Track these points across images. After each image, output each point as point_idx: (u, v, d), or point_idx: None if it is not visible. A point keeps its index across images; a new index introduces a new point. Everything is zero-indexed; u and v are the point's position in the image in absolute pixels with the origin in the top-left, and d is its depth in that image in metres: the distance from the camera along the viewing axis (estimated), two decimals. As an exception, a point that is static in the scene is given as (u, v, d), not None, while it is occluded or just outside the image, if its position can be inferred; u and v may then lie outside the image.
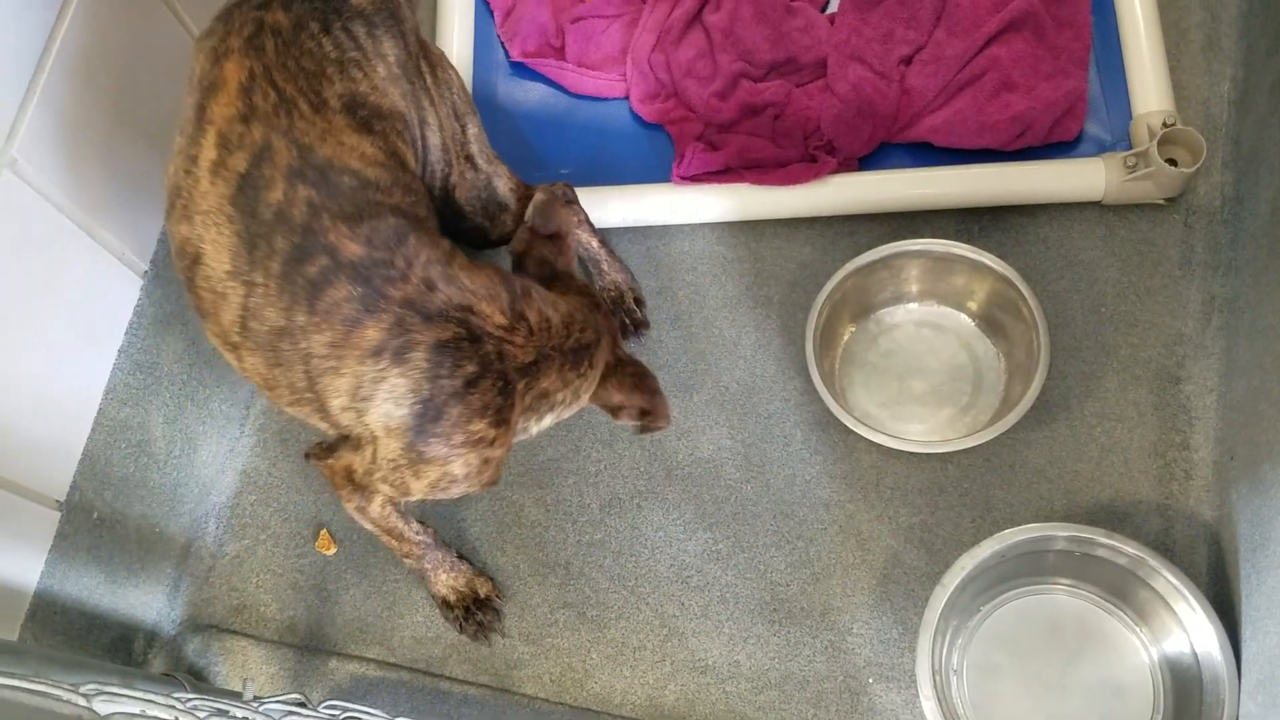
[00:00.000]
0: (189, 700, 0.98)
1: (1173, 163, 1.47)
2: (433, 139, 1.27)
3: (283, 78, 1.12)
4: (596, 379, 1.23)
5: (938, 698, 1.24)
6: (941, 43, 1.57)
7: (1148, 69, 1.54)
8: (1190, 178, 1.49)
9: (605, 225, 1.56)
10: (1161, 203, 1.52)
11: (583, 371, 1.20)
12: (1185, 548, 1.37)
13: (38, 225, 1.26)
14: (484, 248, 1.41)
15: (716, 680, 1.41)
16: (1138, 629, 1.33)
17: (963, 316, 1.51)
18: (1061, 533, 1.30)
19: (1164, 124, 1.47)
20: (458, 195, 1.34)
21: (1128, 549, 1.28)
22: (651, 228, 1.60)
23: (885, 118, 1.55)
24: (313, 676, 1.45)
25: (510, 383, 1.12)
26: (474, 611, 1.43)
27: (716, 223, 1.59)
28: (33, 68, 1.23)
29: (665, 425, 1.31)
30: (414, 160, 1.22)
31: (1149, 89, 1.53)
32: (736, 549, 1.45)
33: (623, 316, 1.53)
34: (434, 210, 1.25)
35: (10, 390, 1.24)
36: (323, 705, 1.10)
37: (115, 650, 1.42)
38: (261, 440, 1.57)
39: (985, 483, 1.44)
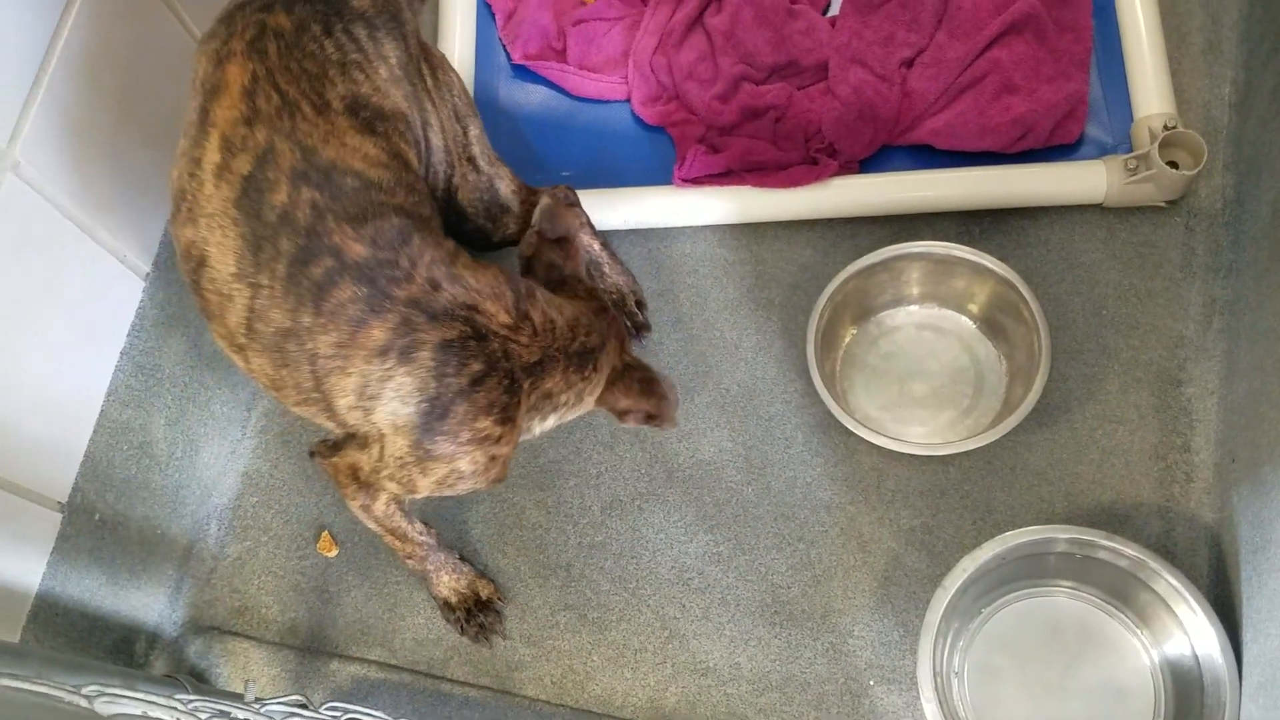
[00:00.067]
0: (191, 702, 0.98)
1: (1174, 165, 1.47)
2: (435, 140, 1.28)
3: (285, 80, 1.12)
4: (601, 383, 1.23)
5: (939, 700, 1.24)
6: (943, 45, 1.57)
7: (1149, 72, 1.54)
8: (1191, 180, 1.49)
9: (606, 228, 1.56)
10: (1163, 205, 1.52)
11: (587, 375, 1.20)
12: (1186, 550, 1.37)
13: (40, 226, 1.26)
14: (486, 250, 1.42)
15: (718, 682, 1.41)
16: (1139, 631, 1.33)
17: (964, 319, 1.51)
18: (1062, 535, 1.30)
19: (1165, 127, 1.47)
20: (460, 197, 1.35)
21: (1129, 551, 1.28)
22: (653, 230, 1.60)
23: (886, 120, 1.55)
24: (314, 678, 1.45)
25: (516, 381, 1.12)
26: (475, 613, 1.43)
27: (718, 225, 1.59)
28: (36, 70, 1.23)
29: (672, 427, 1.31)
30: (417, 161, 1.22)
31: (1150, 92, 1.53)
32: (737, 551, 1.45)
33: (624, 319, 1.53)
34: (437, 210, 1.25)
35: (12, 391, 1.24)
36: (324, 707, 1.10)
37: (117, 652, 1.42)
38: (263, 442, 1.57)
39: (986, 485, 1.44)
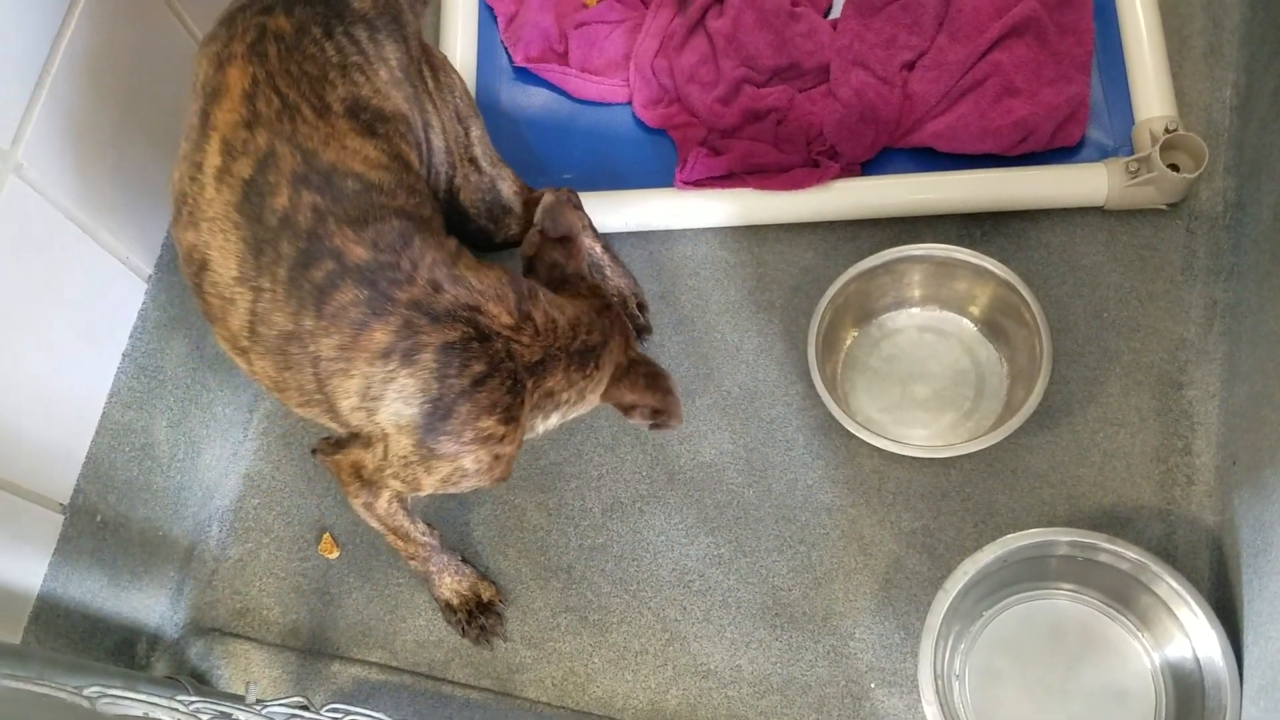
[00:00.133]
0: (192, 703, 0.98)
1: (1175, 168, 1.47)
2: (436, 141, 1.28)
3: (286, 83, 1.12)
4: (604, 381, 1.23)
5: (940, 703, 1.24)
6: (944, 48, 1.57)
7: (1150, 74, 1.54)
8: (1192, 183, 1.49)
9: (608, 230, 1.56)
10: (1164, 208, 1.52)
11: (588, 373, 1.20)
12: (1187, 553, 1.37)
13: (42, 228, 1.26)
14: (489, 250, 1.42)
15: (718, 685, 1.41)
16: (1140, 634, 1.33)
17: (965, 321, 1.51)
18: (1064, 538, 1.30)
19: (1166, 129, 1.47)
20: (462, 197, 1.35)
21: (1130, 554, 1.28)
22: (654, 233, 1.60)
23: (888, 123, 1.55)
24: (315, 680, 1.45)
25: (519, 381, 1.13)
26: (477, 615, 1.43)
27: (719, 228, 1.59)
28: (39, 72, 1.23)
29: (678, 425, 1.31)
30: (418, 162, 1.22)
31: (1151, 94, 1.53)
32: (738, 553, 1.45)
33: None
34: (439, 209, 1.25)
35: (14, 393, 1.24)
36: (325, 709, 1.10)
37: (118, 653, 1.42)
38: (265, 444, 1.57)
39: (987, 488, 1.44)
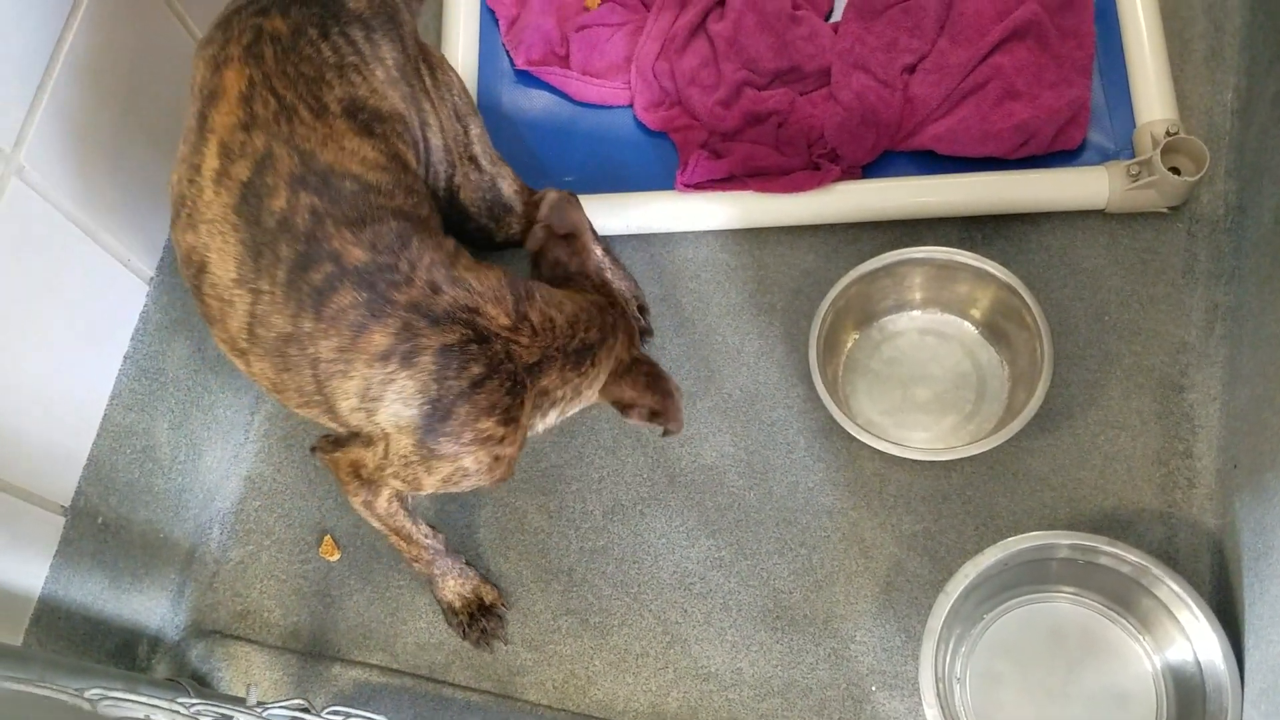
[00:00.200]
0: (193, 705, 0.98)
1: (1176, 171, 1.47)
2: (434, 140, 1.28)
3: (282, 85, 1.12)
4: (601, 377, 1.23)
5: (940, 706, 1.24)
6: (945, 51, 1.57)
7: (1151, 78, 1.54)
8: (1193, 186, 1.49)
9: (609, 233, 1.56)
10: (1165, 211, 1.52)
11: (584, 370, 1.20)
12: (1188, 556, 1.37)
13: (44, 230, 1.26)
14: (489, 249, 1.42)
15: (719, 688, 1.41)
16: (1141, 637, 1.33)
17: (966, 324, 1.51)
18: (1065, 541, 1.30)
19: (1167, 133, 1.47)
20: (462, 196, 1.35)
21: (1131, 557, 1.28)
22: (655, 235, 1.60)
23: (889, 126, 1.55)
24: (316, 682, 1.45)
25: (519, 382, 1.13)
26: (478, 618, 1.43)
27: (720, 230, 1.59)
28: (40, 74, 1.24)
29: (677, 429, 1.31)
30: (416, 161, 1.23)
31: (1152, 98, 1.53)
32: (739, 556, 1.45)
33: (626, 323, 1.54)
34: (437, 209, 1.25)
35: (16, 395, 1.25)
36: (326, 711, 1.10)
37: (119, 655, 1.42)
38: (266, 446, 1.57)
39: (988, 490, 1.44)
